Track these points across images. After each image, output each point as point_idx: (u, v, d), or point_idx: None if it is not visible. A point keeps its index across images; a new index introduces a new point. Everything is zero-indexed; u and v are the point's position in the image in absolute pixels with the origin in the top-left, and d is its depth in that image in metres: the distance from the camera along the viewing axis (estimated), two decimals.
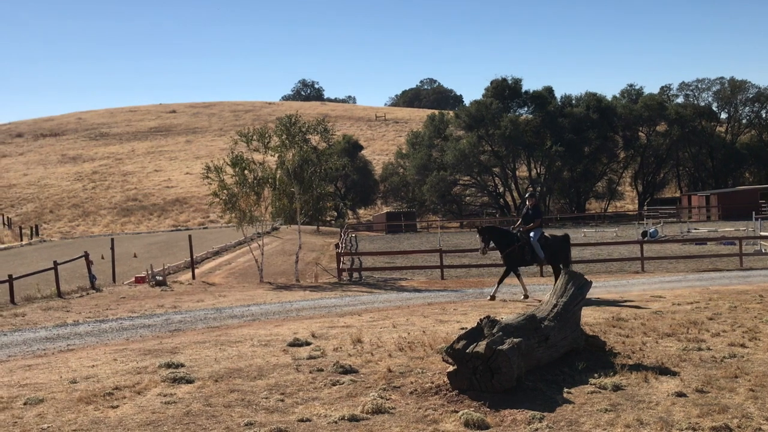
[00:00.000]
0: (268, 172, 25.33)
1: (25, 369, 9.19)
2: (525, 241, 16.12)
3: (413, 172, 71.60)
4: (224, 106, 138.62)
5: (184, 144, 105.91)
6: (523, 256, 16.19)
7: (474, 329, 7.56)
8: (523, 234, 16.27)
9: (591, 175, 72.15)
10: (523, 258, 16.22)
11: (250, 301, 17.45)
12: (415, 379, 7.68)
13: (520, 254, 16.11)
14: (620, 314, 11.87)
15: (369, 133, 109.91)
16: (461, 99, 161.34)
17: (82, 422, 6.47)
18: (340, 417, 6.53)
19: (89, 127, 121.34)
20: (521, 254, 16.12)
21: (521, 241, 16.13)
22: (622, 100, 78.35)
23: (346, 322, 12.44)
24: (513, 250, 16.02)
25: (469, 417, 6.44)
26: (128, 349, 10.26)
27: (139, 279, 22.57)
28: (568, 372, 7.91)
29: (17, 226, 63.37)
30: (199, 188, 69.15)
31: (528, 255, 16.17)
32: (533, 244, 16.09)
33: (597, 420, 6.46)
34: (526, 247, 16.09)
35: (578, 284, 8.99)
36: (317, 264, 28.64)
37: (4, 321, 15.10)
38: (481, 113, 69.34)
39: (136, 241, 44.77)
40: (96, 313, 16.02)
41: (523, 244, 16.09)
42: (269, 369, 8.37)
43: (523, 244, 16.09)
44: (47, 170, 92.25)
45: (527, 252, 16.11)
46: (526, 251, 16.10)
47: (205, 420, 6.48)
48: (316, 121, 26.18)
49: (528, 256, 16.22)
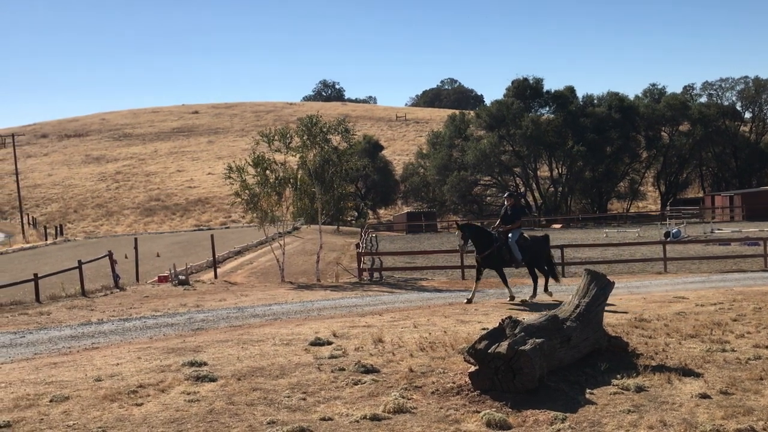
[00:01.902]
0: (289, 172, 25.44)
1: (51, 367, 9.31)
2: (503, 242, 15.77)
3: (434, 172, 71.53)
4: (246, 106, 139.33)
5: (206, 144, 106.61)
6: (502, 257, 15.82)
7: (496, 329, 7.55)
8: (502, 235, 15.91)
9: (613, 175, 71.67)
10: (502, 259, 15.86)
11: (271, 301, 17.53)
12: (436, 379, 7.68)
13: (498, 255, 15.76)
14: (642, 315, 11.78)
15: (389, 133, 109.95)
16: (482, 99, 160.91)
17: (107, 419, 6.54)
18: (361, 416, 6.55)
19: (113, 127, 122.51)
20: (500, 255, 15.77)
21: (499, 242, 15.77)
22: (645, 99, 77.74)
23: (367, 322, 12.46)
24: (492, 252, 15.68)
25: (491, 417, 6.44)
26: (152, 348, 10.36)
27: (162, 278, 22.76)
28: (591, 373, 7.87)
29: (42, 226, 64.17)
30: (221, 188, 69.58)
31: (506, 256, 15.79)
32: (511, 246, 15.71)
33: (620, 421, 6.42)
34: (504, 248, 15.72)
35: (601, 285, 8.94)
36: (338, 264, 28.71)
37: (29, 319, 15.30)
38: (502, 113, 69.12)
39: (158, 240, 45.16)
40: (120, 311, 16.19)
41: (501, 245, 15.73)
42: (291, 368, 8.42)
43: (501, 244, 15.73)
44: (71, 170, 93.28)
45: (505, 253, 15.74)
46: (504, 252, 15.73)
47: (228, 418, 6.53)
48: (336, 122, 26.25)
49: (506, 257, 15.83)
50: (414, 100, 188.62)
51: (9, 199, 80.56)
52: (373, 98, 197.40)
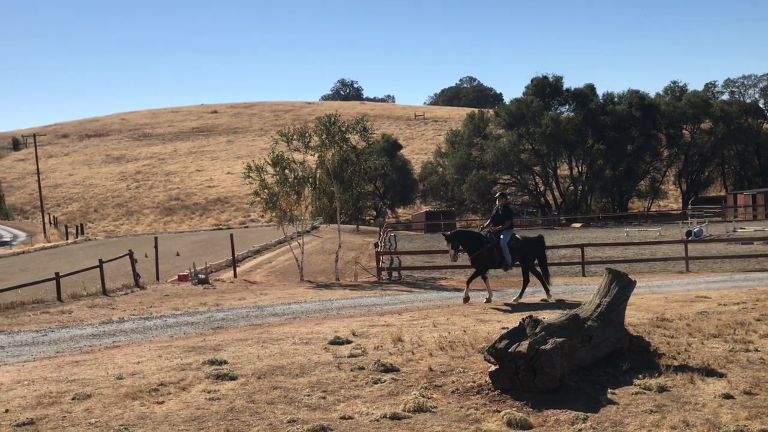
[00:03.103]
0: (308, 171, 25.50)
1: (73, 365, 9.39)
2: (494, 243, 15.53)
3: (452, 171, 71.39)
4: (264, 106, 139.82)
5: (225, 144, 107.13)
6: (492, 259, 15.59)
7: (516, 329, 7.51)
8: (493, 236, 15.66)
9: (634, 173, 71.18)
10: (492, 260, 15.63)
11: (290, 300, 17.58)
12: (456, 379, 7.65)
13: (488, 256, 15.55)
14: (664, 315, 11.68)
15: (408, 132, 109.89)
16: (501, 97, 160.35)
17: (128, 417, 6.58)
18: (381, 415, 6.54)
19: (133, 127, 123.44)
20: (490, 256, 15.54)
21: (490, 242, 15.54)
22: (666, 97, 77.09)
23: (387, 321, 12.46)
24: (481, 253, 15.48)
25: (511, 417, 6.40)
26: (172, 346, 10.42)
27: (182, 277, 22.89)
28: (612, 372, 7.81)
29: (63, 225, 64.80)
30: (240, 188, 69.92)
31: (497, 257, 15.55)
32: (502, 247, 15.48)
33: (642, 421, 6.37)
34: (495, 249, 15.47)
35: (622, 284, 8.87)
36: (357, 263, 28.73)
37: (51, 318, 15.44)
38: (522, 111, 68.86)
39: (178, 239, 45.43)
40: (140, 310, 16.30)
41: (492, 246, 15.49)
42: (311, 367, 8.43)
43: (492, 245, 15.49)
44: (92, 170, 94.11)
45: (496, 254, 15.50)
46: (495, 253, 15.49)
47: (248, 416, 6.55)
48: (355, 121, 26.28)
49: (497, 259, 15.59)
50: (432, 99, 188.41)
51: (31, 199, 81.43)
52: (391, 97, 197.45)
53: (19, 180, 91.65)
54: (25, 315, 16.03)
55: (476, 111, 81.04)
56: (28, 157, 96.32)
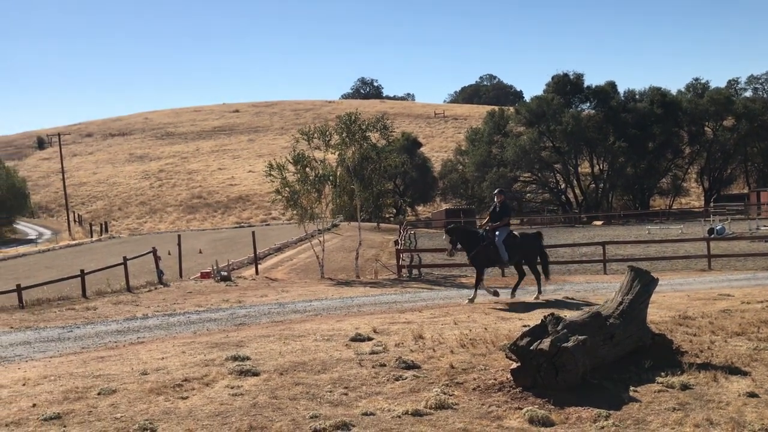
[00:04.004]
0: (328, 169, 25.58)
1: (98, 360, 9.51)
2: (491, 241, 15.39)
3: (472, 169, 71.20)
4: (285, 105, 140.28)
5: (246, 143, 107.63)
6: (488, 256, 15.46)
7: (538, 326, 7.51)
8: (489, 233, 15.53)
9: (655, 171, 70.58)
10: (489, 258, 15.50)
11: (311, 297, 17.66)
12: (477, 376, 7.67)
13: (485, 254, 15.41)
14: (687, 313, 11.61)
15: (428, 130, 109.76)
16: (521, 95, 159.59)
17: (153, 412, 6.67)
18: (403, 411, 6.57)
19: (155, 126, 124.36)
20: (486, 254, 15.41)
21: (487, 240, 15.42)
22: (688, 94, 76.30)
23: (407, 318, 12.48)
24: (479, 251, 15.34)
25: (533, 414, 6.41)
26: (196, 342, 10.52)
27: (204, 274, 23.07)
28: (634, 370, 7.79)
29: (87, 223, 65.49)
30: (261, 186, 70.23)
31: (493, 255, 15.41)
32: (498, 245, 15.32)
33: (665, 419, 6.35)
34: (491, 247, 15.35)
35: (644, 282, 8.84)
36: (377, 260, 28.76)
37: (77, 314, 15.64)
38: (542, 109, 68.52)
39: (201, 237, 45.76)
40: (164, 307, 16.46)
41: (489, 244, 15.37)
42: (332, 363, 8.48)
43: (489, 243, 15.37)
44: (116, 169, 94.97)
45: (492, 252, 15.36)
46: (491, 251, 15.36)
47: (271, 412, 6.61)
48: (375, 119, 26.32)
49: (493, 256, 15.46)
50: (452, 97, 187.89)
51: (56, 197, 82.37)
52: (411, 95, 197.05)
53: (44, 179, 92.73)
54: (51, 311, 16.25)
55: (496, 109, 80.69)
56: (53, 156, 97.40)
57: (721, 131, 71.96)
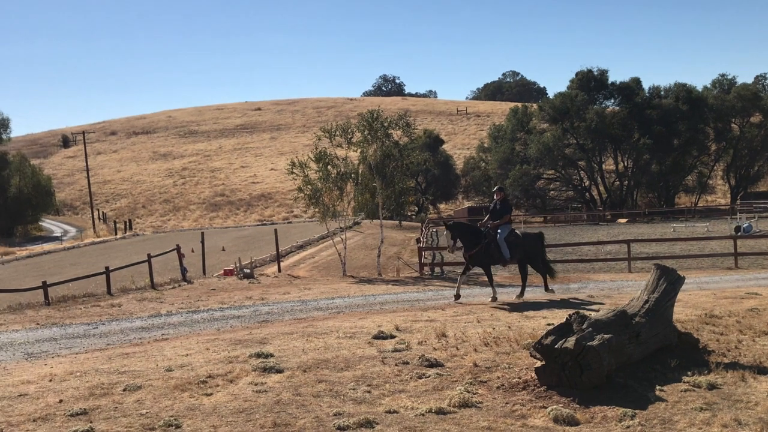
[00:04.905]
0: (350, 167, 25.60)
1: (123, 357, 9.58)
2: (492, 239, 15.19)
3: (495, 166, 70.91)
4: (307, 102, 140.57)
5: (268, 141, 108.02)
6: (490, 254, 15.24)
7: (563, 325, 7.45)
8: (490, 231, 15.32)
9: (680, 168, 69.80)
10: (490, 256, 15.28)
11: (334, 294, 17.69)
12: (501, 374, 7.63)
13: (486, 253, 15.20)
14: (713, 311, 11.48)
15: (450, 127, 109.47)
16: (545, 91, 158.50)
17: (178, 409, 6.70)
18: (427, 410, 6.54)
19: (179, 125, 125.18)
20: (488, 253, 15.20)
21: (488, 238, 15.21)
22: (714, 90, 75.38)
23: (430, 316, 12.45)
24: (480, 250, 15.12)
25: (558, 413, 6.36)
26: (219, 339, 10.56)
27: (227, 271, 23.19)
28: (660, 369, 7.70)
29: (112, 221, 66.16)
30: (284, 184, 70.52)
31: (495, 253, 15.20)
32: (499, 243, 15.13)
33: (692, 419, 6.27)
34: (493, 245, 15.14)
35: (671, 280, 8.74)
36: (399, 258, 28.75)
37: (102, 311, 15.79)
38: (566, 105, 68.04)
39: (223, 235, 46.01)
40: (188, 304, 16.57)
41: (490, 242, 15.16)
42: (355, 361, 8.47)
43: (490, 241, 15.16)
44: (139, 167, 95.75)
45: (494, 250, 15.16)
46: (493, 249, 15.15)
47: (295, 409, 6.62)
48: (398, 116, 26.30)
49: (495, 254, 15.24)
50: (475, 94, 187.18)
51: (80, 195, 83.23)
52: (433, 92, 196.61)
53: (69, 176, 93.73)
54: (76, 308, 16.41)
55: (519, 105, 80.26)
56: (78, 154, 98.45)
57: (748, 128, 71.03)
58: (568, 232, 47.84)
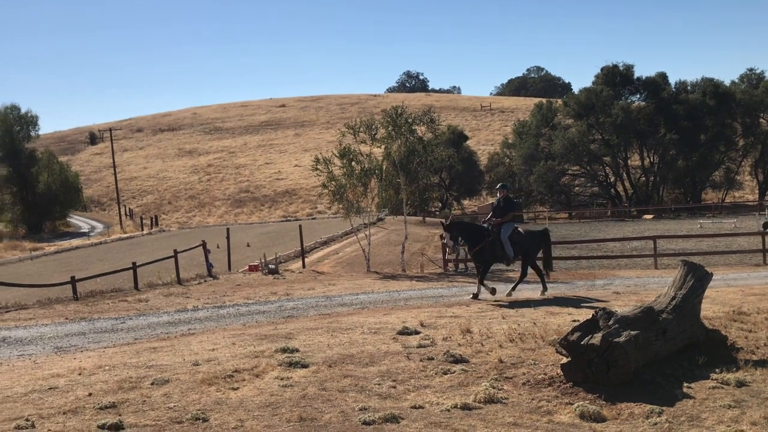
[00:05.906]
0: (374, 163, 25.61)
1: (151, 351, 9.69)
2: (495, 236, 15.00)
3: (520, 162, 70.59)
4: (331, 99, 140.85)
5: (293, 137, 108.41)
6: (494, 252, 15.07)
7: (589, 321, 7.41)
8: (494, 228, 15.13)
9: (707, 163, 68.96)
10: (494, 254, 15.10)
11: (358, 290, 17.73)
12: (527, 370, 7.61)
13: (490, 250, 15.03)
14: (741, 308, 11.34)
15: (474, 123, 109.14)
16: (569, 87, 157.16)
17: (205, 402, 6.77)
18: (452, 405, 6.55)
19: (204, 121, 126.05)
20: (491, 250, 15.03)
21: (491, 236, 15.02)
22: (741, 85, 74.37)
23: (454, 312, 12.45)
24: (483, 247, 14.97)
25: (584, 409, 6.33)
26: (245, 334, 10.65)
27: (252, 267, 23.33)
28: (688, 366, 7.64)
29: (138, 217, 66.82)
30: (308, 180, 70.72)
31: (498, 251, 15.02)
32: (503, 241, 14.95)
33: (720, 416, 6.21)
34: (497, 243, 14.96)
35: (698, 276, 8.65)
36: (423, 254, 28.73)
37: (129, 306, 15.97)
38: (591, 101, 67.52)
39: (248, 231, 46.26)
40: (214, 299, 16.71)
41: (494, 240, 14.98)
42: (380, 356, 8.50)
43: (494, 239, 14.98)
44: (165, 163, 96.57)
45: (497, 248, 14.98)
46: (497, 247, 14.97)
47: (321, 404, 6.66)
48: (422, 112, 26.27)
49: (498, 252, 15.05)
50: (499, 89, 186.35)
51: (107, 191, 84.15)
52: (457, 88, 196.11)
53: (96, 173, 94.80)
54: (104, 303, 16.62)
55: (544, 101, 79.78)
56: (105, 151, 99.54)
57: None
58: (593, 228, 47.52)
